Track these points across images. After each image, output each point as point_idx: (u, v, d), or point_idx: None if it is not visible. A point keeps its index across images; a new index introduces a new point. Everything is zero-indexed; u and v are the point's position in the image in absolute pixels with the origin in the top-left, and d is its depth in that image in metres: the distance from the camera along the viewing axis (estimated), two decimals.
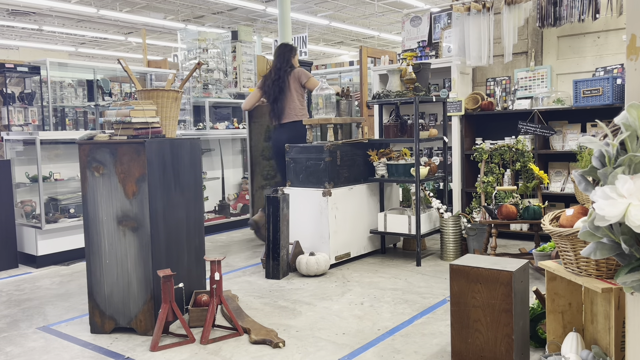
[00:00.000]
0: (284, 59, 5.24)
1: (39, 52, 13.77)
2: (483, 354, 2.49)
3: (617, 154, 1.45)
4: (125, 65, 3.60)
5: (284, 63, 5.22)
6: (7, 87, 6.05)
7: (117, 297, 3.18)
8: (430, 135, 4.71)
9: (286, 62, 5.23)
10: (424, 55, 6.15)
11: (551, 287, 2.29)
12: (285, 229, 4.35)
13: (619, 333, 1.93)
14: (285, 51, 5.29)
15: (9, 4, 11.92)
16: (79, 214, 5.13)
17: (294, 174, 4.69)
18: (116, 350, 2.95)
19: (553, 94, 5.22)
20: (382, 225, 4.69)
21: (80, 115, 6.75)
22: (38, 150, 4.81)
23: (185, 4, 12.79)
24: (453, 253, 4.60)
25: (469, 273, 2.51)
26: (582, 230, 1.50)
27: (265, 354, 2.83)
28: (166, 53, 18.27)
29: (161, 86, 6.48)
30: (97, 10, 12.32)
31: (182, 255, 3.42)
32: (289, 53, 5.28)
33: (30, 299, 3.96)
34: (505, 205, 4.13)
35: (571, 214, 2.14)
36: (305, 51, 10.23)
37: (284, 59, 5.24)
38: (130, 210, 3.12)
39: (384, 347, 2.89)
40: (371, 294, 3.78)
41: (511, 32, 5.38)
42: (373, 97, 4.91)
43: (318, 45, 18.77)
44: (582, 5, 5.05)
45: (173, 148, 3.31)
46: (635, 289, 1.44)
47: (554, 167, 5.30)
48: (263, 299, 3.77)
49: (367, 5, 13.55)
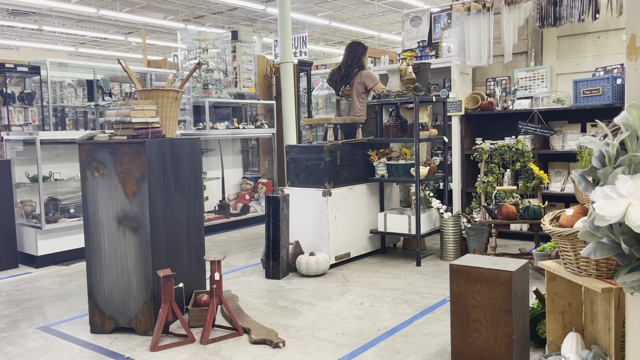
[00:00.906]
0: (355, 57, 5.21)
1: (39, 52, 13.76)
2: (483, 354, 2.49)
3: (617, 154, 1.45)
4: (125, 65, 3.60)
5: (354, 61, 5.20)
6: (7, 87, 6.05)
7: (117, 297, 3.18)
8: (430, 135, 4.71)
9: (357, 61, 5.20)
10: (424, 55, 6.15)
11: (551, 287, 2.29)
12: (285, 229, 4.35)
13: (619, 333, 1.93)
14: (357, 49, 5.25)
15: (9, 4, 11.91)
16: (79, 214, 5.13)
17: (294, 174, 4.69)
18: (116, 350, 2.95)
19: (553, 94, 5.22)
20: (382, 225, 4.69)
21: (80, 115, 6.75)
22: (38, 150, 4.81)
23: (185, 4, 12.79)
24: (453, 253, 4.60)
25: (469, 273, 2.51)
26: (582, 230, 1.50)
27: (265, 354, 2.83)
28: (166, 53, 18.27)
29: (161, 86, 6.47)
30: (97, 10, 12.31)
31: (182, 255, 3.42)
32: (360, 52, 5.24)
33: (30, 299, 3.96)
34: (505, 205, 4.13)
35: (571, 214, 2.14)
36: (305, 51, 10.22)
37: (355, 57, 5.21)
38: (130, 210, 3.12)
39: (384, 347, 2.89)
40: (371, 294, 3.78)
41: (511, 32, 5.38)
42: (373, 97, 4.91)
43: (318, 45, 18.75)
44: (582, 5, 5.05)
45: (173, 148, 3.31)
46: (635, 289, 1.44)
47: (554, 167, 5.30)
48: (263, 299, 3.77)
49: (367, 5, 13.54)
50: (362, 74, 5.12)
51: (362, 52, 5.25)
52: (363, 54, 5.25)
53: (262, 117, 7.72)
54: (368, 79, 5.07)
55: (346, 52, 5.30)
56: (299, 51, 10.21)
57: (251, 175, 7.55)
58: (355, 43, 5.35)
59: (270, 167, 7.76)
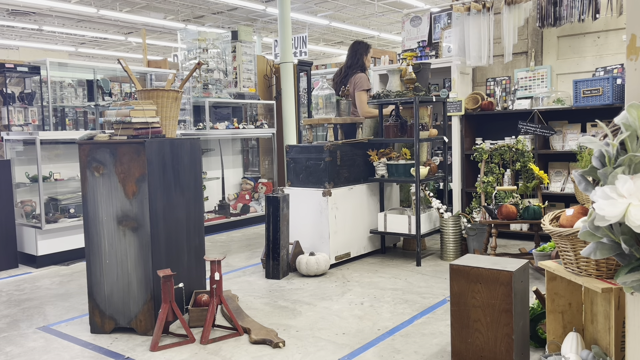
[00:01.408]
0: (355, 58, 5.18)
1: (39, 52, 13.76)
2: (483, 354, 2.49)
3: (617, 154, 1.45)
4: (125, 65, 3.60)
5: (355, 61, 5.17)
6: (7, 87, 6.05)
7: (117, 297, 3.18)
8: (430, 135, 4.71)
9: (357, 61, 5.17)
10: (424, 55, 6.15)
11: (551, 287, 2.29)
12: (285, 229, 4.35)
13: (619, 333, 1.93)
14: (358, 49, 5.21)
15: (9, 4, 11.91)
16: (79, 214, 5.13)
17: (294, 174, 4.69)
18: (116, 350, 2.95)
19: (553, 94, 5.22)
20: (382, 225, 4.69)
21: (80, 115, 6.74)
22: (38, 150, 4.81)
23: (185, 4, 12.79)
24: (453, 253, 4.60)
25: (469, 273, 2.51)
26: (582, 230, 1.50)
27: (265, 354, 2.83)
28: (166, 53, 18.27)
29: (161, 86, 6.47)
30: (97, 10, 12.31)
31: (182, 255, 3.42)
32: (361, 51, 5.19)
33: (30, 299, 3.96)
34: (505, 205, 4.13)
35: (571, 214, 2.14)
36: (305, 51, 10.23)
37: (355, 58, 5.18)
38: (130, 210, 3.12)
39: (384, 347, 2.89)
40: (371, 294, 3.78)
41: (511, 32, 5.38)
42: (373, 97, 4.91)
43: (318, 45, 18.75)
44: (582, 5, 5.05)
45: (173, 148, 3.31)
46: (635, 289, 1.44)
47: (554, 167, 5.30)
48: (263, 299, 3.77)
49: (367, 5, 13.54)
50: (356, 75, 5.12)
51: (363, 51, 5.22)
52: (364, 53, 5.23)
53: (262, 117, 7.72)
54: (358, 82, 5.04)
55: (348, 53, 5.29)
56: (299, 51, 10.22)
57: (251, 175, 7.55)
58: (357, 42, 5.33)
59: (270, 167, 7.76)
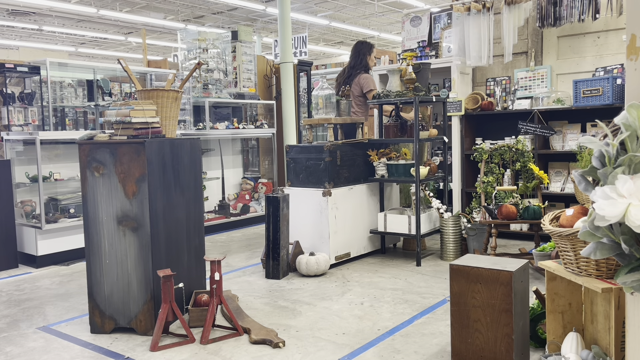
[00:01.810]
0: (358, 58, 5.16)
1: (39, 52, 13.76)
2: (483, 354, 2.49)
3: (617, 154, 1.45)
4: (125, 65, 3.60)
5: (358, 62, 5.15)
6: (7, 87, 6.04)
7: (117, 297, 3.18)
8: (430, 135, 4.71)
9: (360, 61, 5.15)
10: (424, 55, 6.15)
11: (551, 287, 2.29)
12: (285, 229, 4.35)
13: (619, 333, 1.93)
14: (362, 49, 5.20)
15: (9, 4, 11.91)
16: (79, 214, 5.13)
17: (294, 174, 4.69)
18: (116, 350, 2.95)
19: (553, 94, 5.22)
20: (382, 225, 4.69)
21: (80, 115, 6.74)
22: (38, 150, 4.81)
23: (185, 4, 12.79)
24: (453, 253, 4.60)
25: (469, 273, 2.51)
26: (582, 230, 1.50)
27: (265, 354, 2.83)
28: (166, 53, 18.26)
29: (161, 86, 6.47)
30: (97, 10, 12.31)
31: (182, 255, 3.42)
32: (364, 51, 5.18)
33: (30, 299, 3.96)
34: (505, 205, 4.13)
35: (571, 214, 2.14)
36: (305, 51, 10.23)
37: (358, 58, 5.17)
38: (130, 210, 3.12)
39: (384, 347, 2.89)
40: (371, 294, 3.78)
41: (511, 32, 5.38)
42: (373, 97, 4.91)
43: (318, 45, 18.75)
44: (582, 5, 5.05)
45: (173, 148, 3.31)
46: (635, 289, 1.44)
47: (554, 167, 5.30)
48: (263, 299, 3.77)
49: (367, 5, 13.54)
50: (361, 76, 5.11)
51: (366, 51, 5.22)
52: (367, 53, 5.23)
53: (262, 117, 7.72)
54: (365, 82, 5.06)
55: (351, 53, 5.29)
56: (299, 51, 10.22)
57: (251, 175, 7.55)
58: (360, 42, 5.33)
59: (270, 167, 7.76)
